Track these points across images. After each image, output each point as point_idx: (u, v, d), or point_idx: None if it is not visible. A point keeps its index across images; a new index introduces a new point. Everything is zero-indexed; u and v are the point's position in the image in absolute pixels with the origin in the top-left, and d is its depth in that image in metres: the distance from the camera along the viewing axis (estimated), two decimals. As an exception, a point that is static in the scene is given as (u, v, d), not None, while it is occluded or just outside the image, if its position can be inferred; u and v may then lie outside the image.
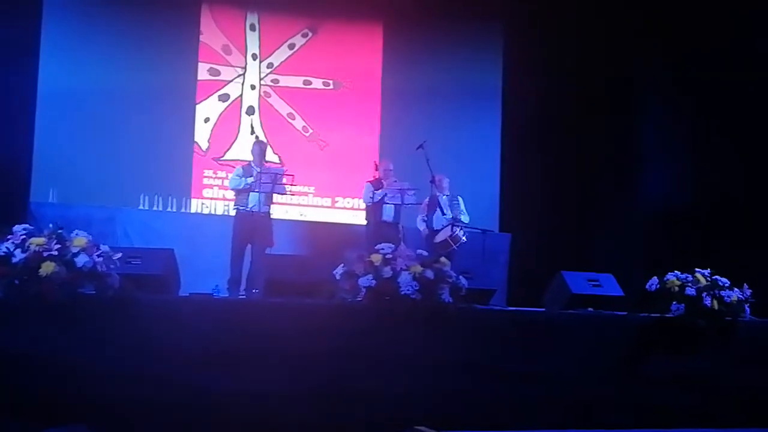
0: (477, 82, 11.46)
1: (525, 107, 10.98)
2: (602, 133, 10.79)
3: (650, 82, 10.73)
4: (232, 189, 8.59)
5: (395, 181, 8.96)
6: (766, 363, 6.52)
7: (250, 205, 8.34)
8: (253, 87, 10.97)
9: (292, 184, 8.70)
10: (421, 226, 9.17)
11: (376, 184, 9.07)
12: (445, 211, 8.95)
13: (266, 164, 8.67)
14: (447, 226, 8.88)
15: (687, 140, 10.28)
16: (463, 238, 8.85)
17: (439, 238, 8.87)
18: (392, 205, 8.96)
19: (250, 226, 8.33)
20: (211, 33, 10.86)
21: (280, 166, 9.91)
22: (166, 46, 10.48)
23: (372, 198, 8.99)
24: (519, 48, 11.23)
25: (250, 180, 8.34)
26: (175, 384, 5.15)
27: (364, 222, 9.37)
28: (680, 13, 9.81)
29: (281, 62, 11.10)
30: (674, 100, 10.49)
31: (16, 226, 5.19)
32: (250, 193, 8.33)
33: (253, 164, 8.56)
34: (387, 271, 5.69)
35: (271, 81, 11.03)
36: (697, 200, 9.85)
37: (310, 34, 11.17)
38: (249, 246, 8.38)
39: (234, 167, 9.10)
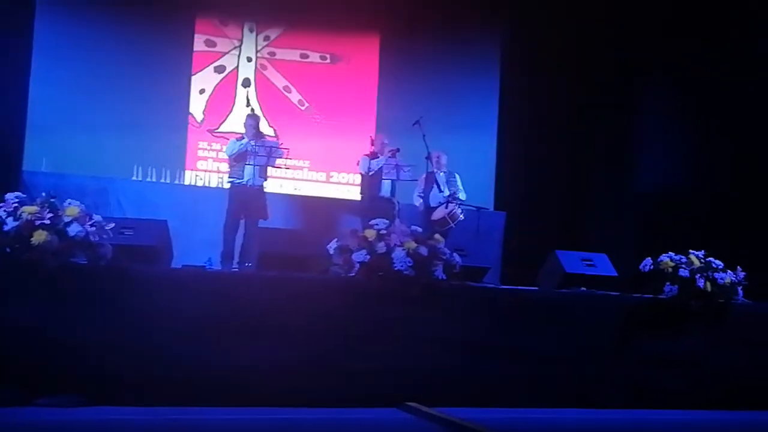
0: (475, 60, 11.40)
1: (523, 85, 10.92)
2: (599, 114, 10.75)
3: (649, 67, 10.67)
4: (229, 155, 8.54)
5: (391, 157, 8.90)
6: (758, 345, 6.55)
7: (246, 178, 8.31)
8: (249, 59, 10.88)
9: (287, 158, 8.66)
10: (418, 203, 9.14)
11: (373, 156, 9.01)
12: (442, 188, 8.91)
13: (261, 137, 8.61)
14: (444, 203, 8.84)
15: (683, 123, 10.25)
16: (461, 215, 8.82)
17: (436, 215, 8.84)
18: (389, 181, 8.91)
19: (245, 198, 8.33)
20: (207, 4, 10.75)
21: (275, 139, 9.85)
22: (162, 17, 10.37)
23: (369, 168, 8.91)
24: (519, 27, 11.15)
25: (244, 141, 8.28)
26: (167, 355, 5.15)
27: (359, 197, 9.31)
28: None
29: (278, 35, 11.00)
30: (672, 85, 10.45)
31: (8, 194, 5.15)
32: (246, 166, 8.29)
33: (246, 137, 8.50)
34: (381, 247, 5.68)
35: (268, 54, 10.94)
36: (692, 182, 9.84)
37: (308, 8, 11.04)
38: (243, 219, 8.36)
39: (229, 139, 9.06)
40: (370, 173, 8.90)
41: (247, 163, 8.29)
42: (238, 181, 8.40)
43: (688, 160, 10.07)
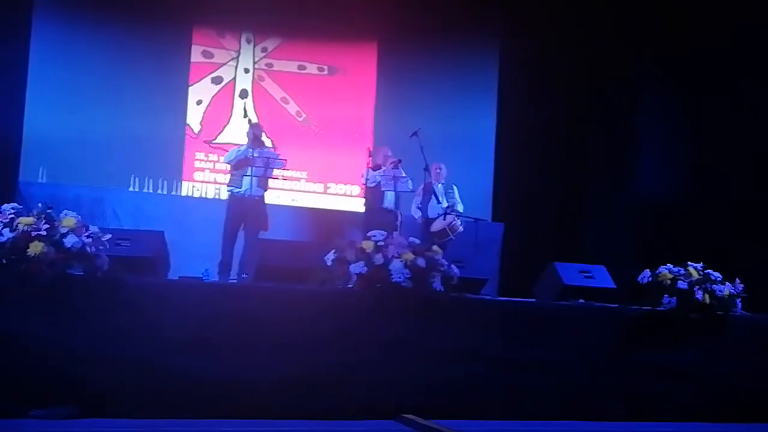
0: (473, 70, 11.42)
1: (520, 96, 10.93)
2: (597, 125, 10.76)
3: (647, 77, 10.69)
4: (227, 162, 8.40)
5: (393, 168, 8.86)
6: (757, 357, 6.53)
7: (244, 188, 8.16)
8: (246, 70, 10.89)
9: (285, 169, 8.61)
10: (417, 214, 9.09)
11: (375, 168, 8.98)
12: (440, 200, 8.89)
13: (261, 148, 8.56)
14: (443, 214, 8.81)
15: (681, 133, 10.25)
16: (461, 227, 8.79)
17: (436, 226, 8.80)
18: (392, 192, 8.87)
19: (243, 209, 8.17)
20: (205, 15, 10.75)
21: (273, 150, 9.83)
22: (160, 28, 10.38)
23: (367, 179, 8.88)
24: (516, 38, 11.16)
25: (243, 148, 8.17)
26: (163, 368, 5.11)
27: (357, 208, 9.29)
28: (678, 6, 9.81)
29: (276, 46, 11.01)
30: (670, 94, 10.46)
31: (5, 205, 5.13)
32: (244, 177, 8.19)
33: (246, 145, 8.39)
34: (378, 258, 5.65)
35: (265, 65, 10.95)
36: (690, 194, 9.83)
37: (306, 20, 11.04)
38: (241, 230, 8.27)
39: (226, 150, 9.02)
40: (372, 185, 8.88)
41: (245, 174, 8.17)
42: (236, 190, 8.24)
43: (687, 172, 10.05)
